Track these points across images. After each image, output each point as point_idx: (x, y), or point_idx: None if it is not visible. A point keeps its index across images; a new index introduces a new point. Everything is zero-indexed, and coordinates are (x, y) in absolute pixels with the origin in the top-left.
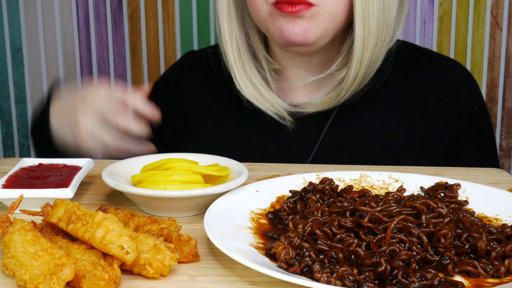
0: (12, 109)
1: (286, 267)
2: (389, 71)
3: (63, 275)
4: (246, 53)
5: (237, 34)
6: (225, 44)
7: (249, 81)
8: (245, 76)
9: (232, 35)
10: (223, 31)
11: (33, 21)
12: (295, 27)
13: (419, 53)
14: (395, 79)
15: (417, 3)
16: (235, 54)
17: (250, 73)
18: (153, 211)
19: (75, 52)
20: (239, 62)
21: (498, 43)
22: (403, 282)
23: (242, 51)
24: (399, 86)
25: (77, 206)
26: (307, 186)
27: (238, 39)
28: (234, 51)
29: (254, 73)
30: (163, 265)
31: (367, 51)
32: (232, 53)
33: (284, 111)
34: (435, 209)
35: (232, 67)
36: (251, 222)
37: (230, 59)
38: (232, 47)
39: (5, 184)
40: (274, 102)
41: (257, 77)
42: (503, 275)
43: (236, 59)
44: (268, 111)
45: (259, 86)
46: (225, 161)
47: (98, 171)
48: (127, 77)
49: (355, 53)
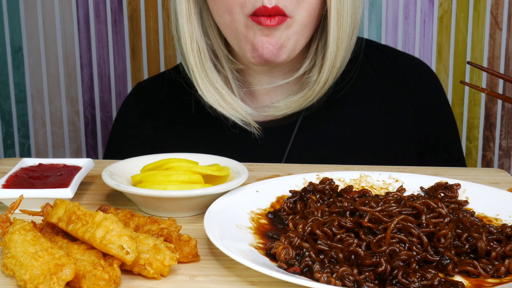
0: (12, 108)
1: (286, 267)
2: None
3: (63, 275)
4: (206, 55)
5: (197, 35)
6: (185, 47)
7: (211, 85)
8: (207, 80)
9: (193, 37)
10: (183, 32)
11: (33, 21)
12: (270, 43)
13: (379, 52)
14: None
15: (417, 3)
16: (195, 56)
17: (211, 76)
18: (153, 211)
19: (75, 52)
20: (200, 65)
21: (498, 43)
22: (403, 282)
23: (203, 53)
24: (364, 88)
25: (77, 206)
26: (307, 186)
27: (198, 41)
28: (195, 54)
29: (216, 76)
30: (163, 265)
31: (340, 56)
32: (193, 55)
33: (249, 116)
34: (435, 209)
35: (193, 71)
36: (251, 222)
37: (191, 62)
38: (193, 50)
39: (5, 184)
40: (237, 106)
41: (219, 81)
42: (503, 275)
43: (197, 62)
44: (232, 117)
45: (222, 90)
46: (225, 161)
47: (98, 171)
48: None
49: (329, 57)
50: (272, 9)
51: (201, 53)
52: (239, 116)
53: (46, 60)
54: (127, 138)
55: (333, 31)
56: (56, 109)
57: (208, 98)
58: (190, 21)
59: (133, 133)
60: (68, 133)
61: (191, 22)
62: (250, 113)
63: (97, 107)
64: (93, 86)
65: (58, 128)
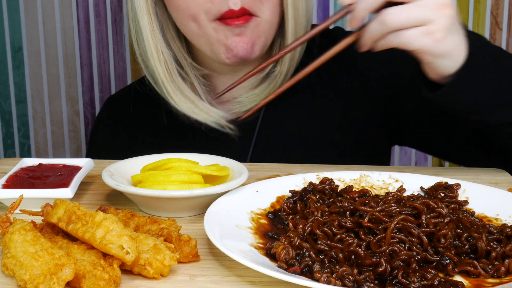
0: (12, 108)
1: (286, 267)
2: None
3: (63, 275)
4: (173, 66)
5: (163, 48)
6: (152, 60)
7: (181, 94)
8: (177, 90)
9: (158, 49)
10: (149, 46)
11: (33, 21)
12: (243, 42)
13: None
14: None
15: None
16: (164, 68)
17: (180, 86)
18: (153, 211)
19: (75, 52)
20: (168, 76)
21: (498, 43)
22: (403, 282)
23: (170, 64)
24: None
25: (77, 206)
26: (307, 186)
27: (164, 52)
28: (163, 65)
29: (183, 85)
30: (163, 265)
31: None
32: (161, 67)
33: (222, 118)
34: (435, 209)
35: (163, 82)
36: (251, 222)
37: (160, 74)
38: (160, 61)
39: (5, 184)
40: (209, 111)
41: (187, 89)
42: (503, 275)
43: (166, 74)
44: (207, 122)
45: (192, 97)
46: (225, 161)
47: (98, 171)
48: (127, 77)
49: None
50: (238, 11)
51: (168, 64)
52: (214, 120)
53: (46, 60)
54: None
55: (291, 25)
56: (56, 109)
57: (182, 107)
58: (154, 34)
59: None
60: (68, 133)
61: (155, 35)
62: (223, 116)
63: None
64: (93, 86)
65: (58, 128)
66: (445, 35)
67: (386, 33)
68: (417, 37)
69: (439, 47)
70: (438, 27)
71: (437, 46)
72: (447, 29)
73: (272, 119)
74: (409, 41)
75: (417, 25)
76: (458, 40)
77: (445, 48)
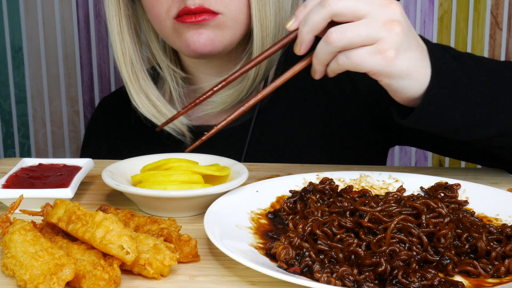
0: (12, 109)
1: (286, 267)
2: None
3: (63, 275)
4: (141, 67)
5: (130, 49)
6: (118, 61)
7: (145, 97)
8: (141, 92)
9: (125, 51)
10: (115, 47)
11: (33, 21)
12: (201, 38)
13: None
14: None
15: (417, 3)
16: (129, 70)
17: (145, 88)
18: (153, 211)
19: (75, 52)
20: (133, 77)
21: (498, 43)
22: (403, 282)
23: (136, 66)
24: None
25: (77, 206)
26: (307, 186)
27: (131, 54)
28: (128, 67)
29: (152, 88)
30: (163, 265)
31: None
32: (126, 69)
33: (184, 126)
34: (435, 209)
35: (127, 84)
36: (251, 222)
37: (124, 75)
38: (126, 63)
39: (5, 184)
40: None
41: (155, 92)
42: (503, 275)
43: (130, 75)
44: (167, 128)
45: (156, 101)
46: (225, 161)
47: (98, 171)
48: None
49: (254, 53)
50: (195, 9)
51: (134, 66)
52: (173, 127)
53: (46, 60)
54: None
55: (256, 28)
56: (56, 109)
57: (142, 110)
58: (122, 36)
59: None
60: (68, 133)
61: (123, 37)
62: (186, 123)
63: None
64: (93, 86)
65: (58, 128)
66: (396, 54)
67: (334, 54)
68: (366, 57)
69: (392, 67)
70: (387, 45)
71: (390, 65)
72: (397, 47)
73: (264, 123)
74: (360, 61)
75: (366, 44)
76: (414, 58)
77: (399, 67)
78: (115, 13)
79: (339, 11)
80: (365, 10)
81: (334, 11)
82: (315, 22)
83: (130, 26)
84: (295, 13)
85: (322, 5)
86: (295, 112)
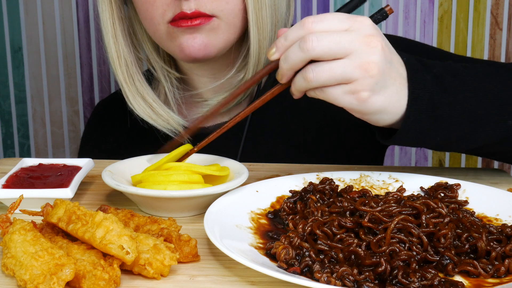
0: (12, 109)
1: (286, 267)
2: None
3: (63, 275)
4: (136, 69)
5: (125, 51)
6: (113, 63)
7: (141, 98)
8: (137, 94)
9: (120, 53)
10: (110, 49)
11: (33, 21)
12: (195, 43)
13: None
14: None
15: (417, 3)
16: (124, 72)
17: (141, 90)
18: (153, 211)
19: (75, 52)
20: (129, 80)
21: (498, 43)
22: (403, 282)
23: (131, 68)
24: None
25: (77, 206)
26: (307, 186)
27: (126, 56)
28: (123, 69)
29: (147, 89)
30: (163, 265)
31: (264, 54)
32: (121, 71)
33: (180, 127)
34: (435, 209)
35: (122, 86)
36: (251, 222)
37: (120, 78)
38: (121, 65)
39: (5, 184)
40: (169, 118)
41: (150, 94)
42: (503, 275)
43: (126, 77)
44: (164, 129)
45: (153, 102)
46: (225, 161)
47: (98, 171)
48: None
49: (252, 56)
50: (191, 14)
51: (129, 68)
52: (170, 128)
53: (46, 60)
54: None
55: (253, 32)
56: (56, 109)
57: (139, 112)
58: (116, 38)
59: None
60: (68, 133)
61: (117, 39)
62: (182, 124)
63: None
64: (93, 86)
65: (58, 128)
66: (370, 95)
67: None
68: (340, 95)
69: (366, 107)
70: (361, 87)
71: (363, 105)
72: (372, 89)
73: (259, 123)
74: (334, 98)
75: (342, 83)
76: (390, 95)
77: (373, 107)
78: (108, 15)
79: (318, 56)
80: (344, 51)
81: (312, 57)
82: (294, 63)
83: (124, 28)
84: (275, 43)
85: (301, 48)
86: (290, 112)
